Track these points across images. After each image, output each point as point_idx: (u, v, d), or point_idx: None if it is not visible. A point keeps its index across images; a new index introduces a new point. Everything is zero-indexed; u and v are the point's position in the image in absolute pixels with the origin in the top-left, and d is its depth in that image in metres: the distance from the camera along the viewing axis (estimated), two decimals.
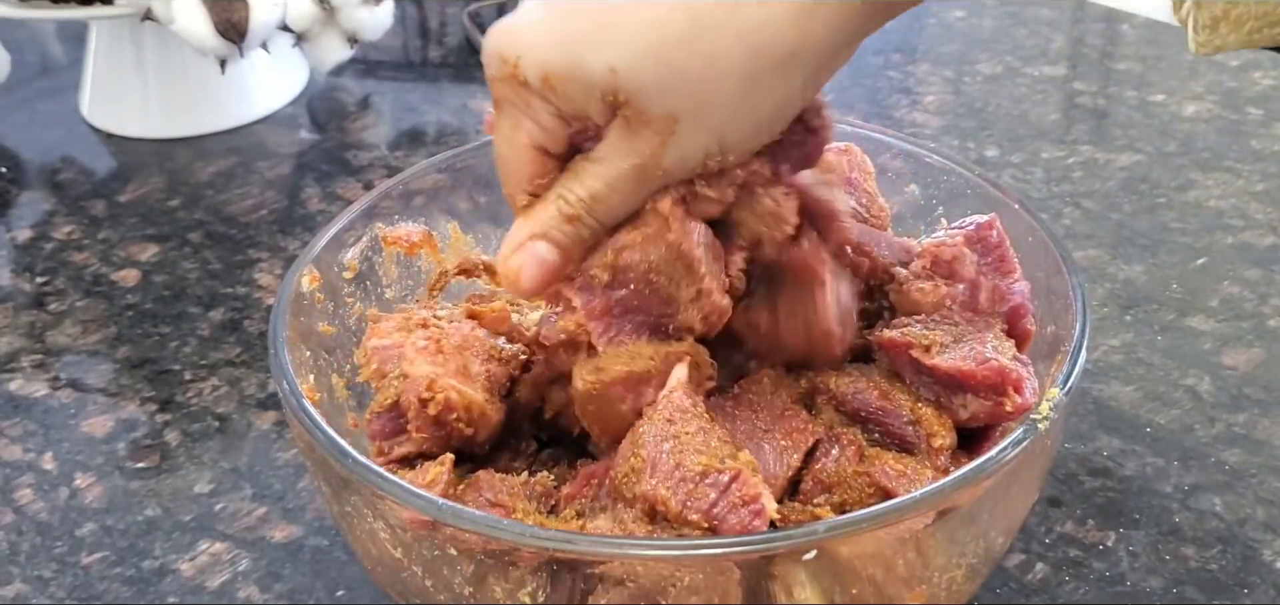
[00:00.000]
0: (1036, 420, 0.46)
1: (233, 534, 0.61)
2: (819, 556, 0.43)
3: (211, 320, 0.76)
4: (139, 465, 0.66)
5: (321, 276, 0.56)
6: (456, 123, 0.97)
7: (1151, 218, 0.81)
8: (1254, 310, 0.72)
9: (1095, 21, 1.09)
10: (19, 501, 0.64)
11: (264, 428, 0.68)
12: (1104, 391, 0.67)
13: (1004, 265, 0.54)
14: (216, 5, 0.86)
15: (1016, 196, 0.58)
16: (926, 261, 0.54)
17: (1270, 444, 0.63)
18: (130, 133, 0.96)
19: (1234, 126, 0.91)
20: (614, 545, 0.44)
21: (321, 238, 0.58)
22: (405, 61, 1.08)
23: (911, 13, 1.09)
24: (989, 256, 0.54)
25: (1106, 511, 0.60)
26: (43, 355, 0.74)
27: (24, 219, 0.87)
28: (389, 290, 0.61)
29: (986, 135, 0.91)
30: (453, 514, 0.44)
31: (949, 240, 0.54)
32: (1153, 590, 0.56)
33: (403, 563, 0.46)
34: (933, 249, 0.54)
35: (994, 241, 0.54)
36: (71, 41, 1.10)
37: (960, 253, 0.53)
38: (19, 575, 0.59)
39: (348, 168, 0.91)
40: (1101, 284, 0.75)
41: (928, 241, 0.55)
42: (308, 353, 0.55)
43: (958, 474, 0.44)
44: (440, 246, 0.61)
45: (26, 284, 0.80)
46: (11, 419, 0.69)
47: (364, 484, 0.45)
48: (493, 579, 0.45)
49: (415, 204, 0.61)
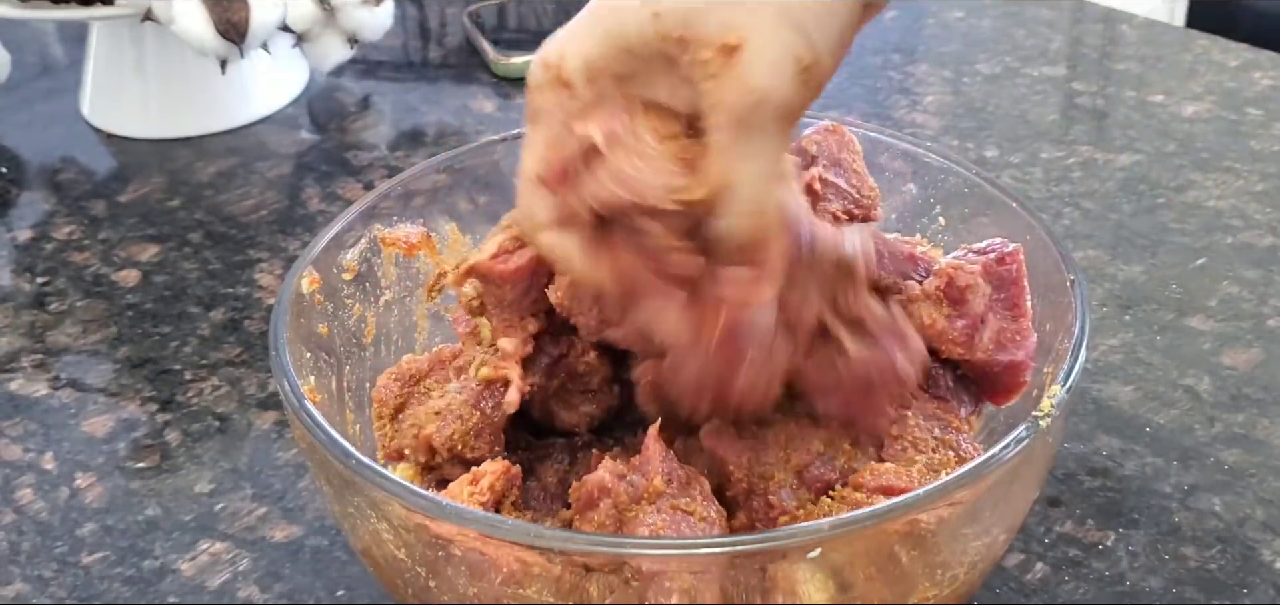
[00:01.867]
0: (1038, 418, 0.46)
1: (233, 534, 0.61)
2: (821, 555, 0.43)
3: (212, 320, 0.76)
4: (139, 465, 0.66)
5: (321, 278, 0.56)
6: (456, 123, 0.97)
7: (1151, 218, 0.81)
8: (1253, 310, 0.72)
9: (1094, 21, 1.09)
10: (19, 501, 0.64)
11: (264, 428, 0.68)
12: (1104, 391, 0.67)
13: (1016, 308, 0.52)
14: (216, 5, 0.86)
15: (1015, 196, 0.58)
16: (941, 283, 0.52)
17: (1269, 444, 0.63)
18: (130, 133, 0.96)
19: (1233, 126, 0.91)
20: (613, 544, 0.44)
21: (322, 238, 0.58)
22: (405, 62, 1.08)
23: (911, 12, 1.09)
24: (1002, 292, 0.52)
25: (1106, 511, 0.60)
26: (43, 355, 0.74)
27: (24, 219, 0.87)
28: (388, 291, 0.61)
29: (986, 135, 0.91)
30: (455, 515, 0.44)
31: (968, 265, 0.53)
32: (1152, 590, 0.56)
33: (405, 563, 0.46)
34: (950, 271, 0.53)
35: (1010, 276, 0.52)
36: (72, 42, 1.10)
37: (975, 283, 0.52)
38: (19, 575, 0.59)
39: (348, 168, 0.91)
40: (1101, 284, 0.75)
41: (947, 261, 0.54)
42: (308, 354, 0.55)
43: (959, 472, 0.45)
44: (439, 248, 0.61)
45: (27, 284, 0.80)
46: (12, 419, 0.69)
47: (366, 484, 0.46)
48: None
49: (415, 204, 0.61)
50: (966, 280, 0.52)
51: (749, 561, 0.43)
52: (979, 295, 0.52)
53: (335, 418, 0.54)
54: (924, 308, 0.52)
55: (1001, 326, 0.52)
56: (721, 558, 0.43)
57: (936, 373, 0.53)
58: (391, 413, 0.54)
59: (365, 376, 0.58)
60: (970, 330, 0.52)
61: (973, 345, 0.52)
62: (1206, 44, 1.03)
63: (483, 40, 1.04)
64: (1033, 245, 0.55)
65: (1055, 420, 0.47)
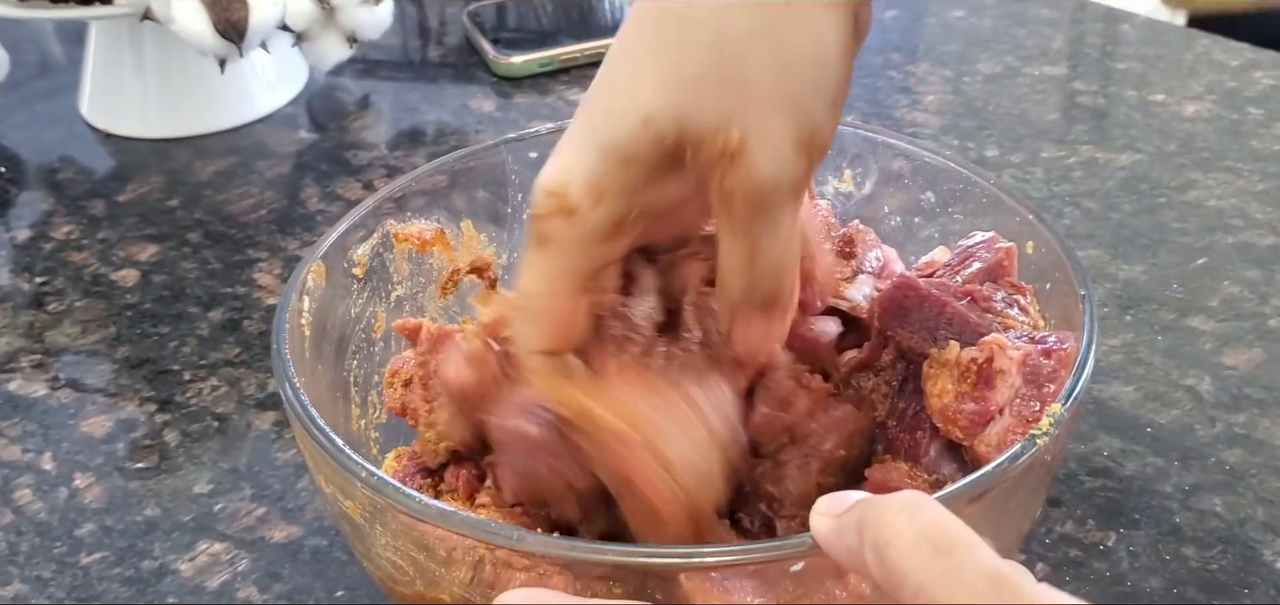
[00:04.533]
0: (1035, 436, 0.44)
1: (232, 534, 0.61)
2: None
3: (211, 320, 0.76)
4: (138, 465, 0.66)
5: (329, 273, 0.56)
6: (456, 122, 0.97)
7: (1152, 218, 0.81)
8: (1254, 310, 0.72)
9: (1095, 21, 1.09)
10: (18, 502, 0.64)
11: (263, 428, 0.68)
12: (1104, 391, 0.67)
13: (1034, 417, 0.46)
14: (216, 5, 0.86)
15: (1025, 201, 0.57)
16: (978, 359, 0.47)
17: (1270, 444, 0.63)
18: (129, 132, 0.96)
19: (1234, 126, 0.91)
20: (617, 552, 0.44)
21: (327, 238, 0.57)
22: (405, 61, 1.08)
23: (911, 12, 1.09)
24: (1034, 388, 0.47)
25: (1107, 512, 0.60)
26: (42, 355, 0.74)
27: (23, 219, 0.87)
28: (399, 287, 0.60)
29: (986, 135, 0.91)
30: (456, 519, 0.44)
31: (1012, 349, 0.47)
32: (1153, 590, 0.56)
33: (404, 566, 0.46)
34: (993, 347, 0.47)
35: (1048, 373, 0.47)
36: (71, 41, 1.10)
37: (1007, 369, 0.47)
38: (18, 575, 0.59)
39: (347, 167, 0.91)
40: (1102, 284, 0.75)
41: (989, 340, 0.48)
42: (311, 347, 0.54)
43: (946, 491, 0.42)
44: (453, 244, 0.61)
45: (26, 284, 0.80)
46: (11, 419, 0.69)
47: (368, 486, 0.45)
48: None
49: (421, 204, 0.61)
50: (1001, 366, 0.47)
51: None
52: (1007, 385, 0.47)
53: (339, 413, 0.54)
54: (943, 376, 0.48)
55: (1011, 426, 0.46)
56: (717, 566, 0.42)
57: (920, 438, 0.50)
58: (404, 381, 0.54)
59: (372, 370, 0.58)
60: (980, 420, 0.47)
61: (974, 435, 0.47)
62: (1207, 43, 1.03)
63: (482, 40, 1.04)
64: (1042, 251, 0.54)
65: (1055, 437, 0.45)
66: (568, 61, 1.02)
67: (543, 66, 1.01)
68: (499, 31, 1.06)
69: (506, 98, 0.99)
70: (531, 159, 0.62)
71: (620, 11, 1.07)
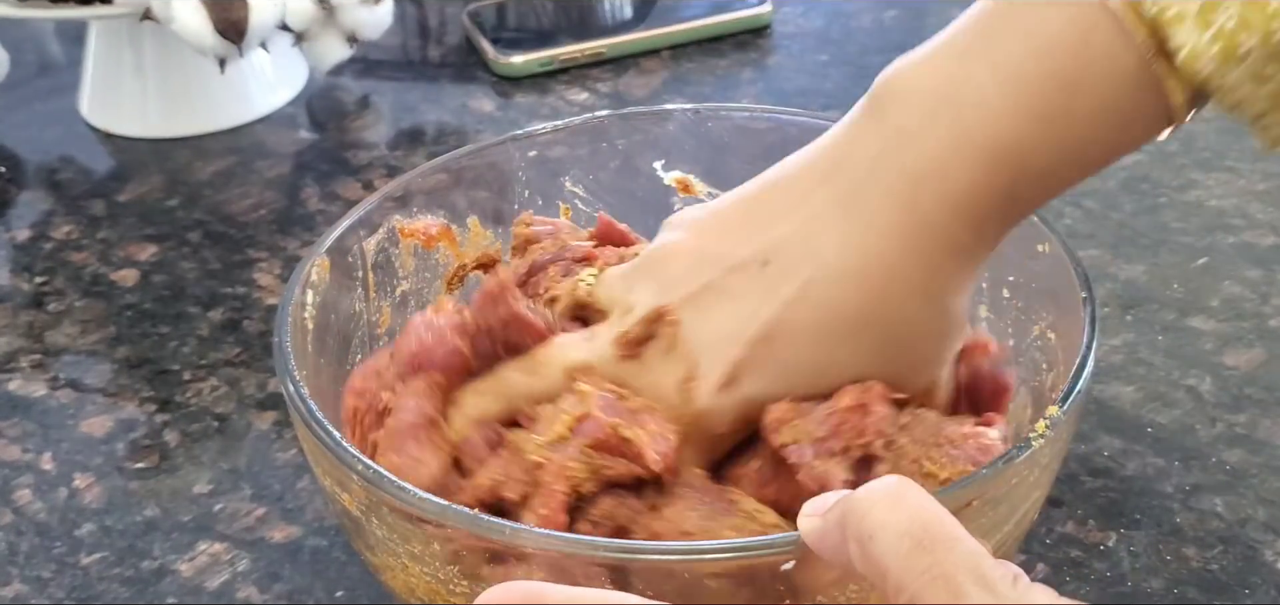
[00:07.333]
0: (1032, 437, 0.44)
1: (232, 534, 0.61)
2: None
3: (211, 320, 0.76)
4: (138, 465, 0.65)
5: (334, 268, 0.56)
6: (456, 122, 0.97)
7: (1152, 217, 0.81)
8: (1255, 310, 0.72)
9: None
10: (18, 502, 0.63)
11: (263, 428, 0.67)
12: (1105, 392, 0.67)
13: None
14: (216, 5, 0.86)
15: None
16: (845, 448, 0.46)
17: (1271, 444, 0.63)
18: (129, 132, 0.96)
19: (1235, 126, 0.90)
20: (615, 548, 0.44)
21: (333, 232, 0.57)
22: (405, 61, 1.08)
23: (911, 12, 1.09)
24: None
25: (1107, 512, 0.60)
26: (41, 355, 0.74)
27: (22, 219, 0.87)
28: (405, 283, 0.60)
29: None
30: (456, 515, 0.44)
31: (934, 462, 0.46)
32: (1154, 590, 0.56)
33: (407, 564, 0.46)
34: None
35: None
36: (70, 41, 1.10)
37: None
38: (18, 576, 0.59)
39: (347, 167, 0.91)
40: (1102, 284, 0.75)
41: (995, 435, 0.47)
42: (314, 343, 0.54)
43: (940, 493, 0.41)
44: (460, 240, 0.61)
45: (25, 284, 0.80)
46: (10, 419, 0.69)
47: (370, 485, 0.45)
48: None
49: (422, 201, 0.61)
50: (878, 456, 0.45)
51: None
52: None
53: (341, 409, 0.54)
54: (827, 461, 0.45)
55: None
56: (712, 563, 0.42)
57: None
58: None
59: None
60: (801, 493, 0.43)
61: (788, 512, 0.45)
62: None
63: (482, 39, 1.04)
64: (1045, 254, 0.54)
65: (1050, 440, 0.45)
66: (568, 61, 1.01)
67: (543, 66, 1.01)
68: (499, 31, 1.06)
69: (506, 98, 0.99)
70: (533, 158, 0.62)
71: (620, 11, 1.07)
